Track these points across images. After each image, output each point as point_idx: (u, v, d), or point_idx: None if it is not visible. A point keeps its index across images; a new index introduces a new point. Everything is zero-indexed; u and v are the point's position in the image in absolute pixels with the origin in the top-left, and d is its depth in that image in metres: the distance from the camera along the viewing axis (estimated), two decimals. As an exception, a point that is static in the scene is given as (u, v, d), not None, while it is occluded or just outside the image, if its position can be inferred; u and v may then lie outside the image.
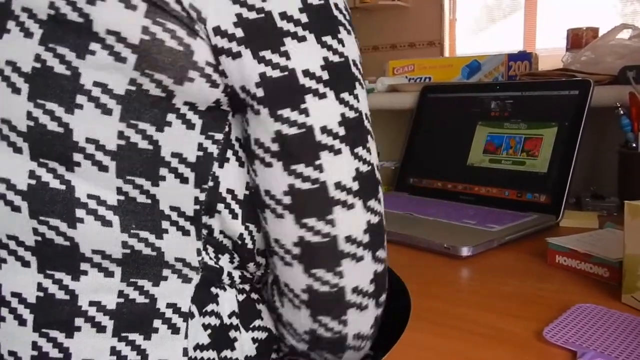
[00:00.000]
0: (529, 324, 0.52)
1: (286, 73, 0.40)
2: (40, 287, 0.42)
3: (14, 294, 0.42)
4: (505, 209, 0.93)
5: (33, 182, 0.41)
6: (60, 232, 0.41)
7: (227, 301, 0.47)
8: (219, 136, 0.44)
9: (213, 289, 0.46)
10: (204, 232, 0.45)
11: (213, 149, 0.43)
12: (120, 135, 0.40)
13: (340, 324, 0.44)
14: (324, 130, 0.41)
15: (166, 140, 0.41)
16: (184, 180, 0.43)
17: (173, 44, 0.39)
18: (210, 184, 0.44)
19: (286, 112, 0.40)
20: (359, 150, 0.42)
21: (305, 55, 0.40)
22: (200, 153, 0.43)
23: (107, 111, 0.40)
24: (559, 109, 0.95)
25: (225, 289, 0.47)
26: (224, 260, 0.47)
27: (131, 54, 0.39)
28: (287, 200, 0.42)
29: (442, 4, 3.88)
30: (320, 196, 0.41)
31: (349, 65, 0.42)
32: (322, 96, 0.41)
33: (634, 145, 0.94)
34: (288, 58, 0.40)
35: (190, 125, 0.42)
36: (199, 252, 0.45)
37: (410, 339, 0.51)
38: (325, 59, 0.41)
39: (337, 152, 0.41)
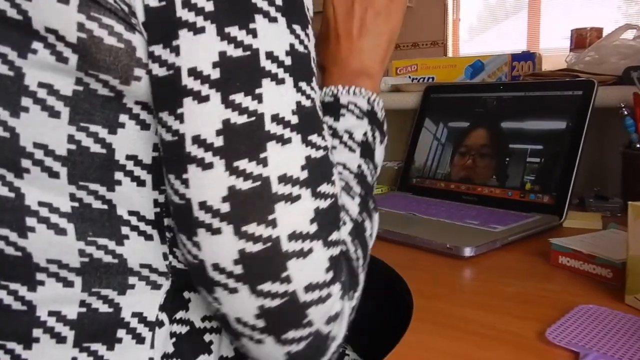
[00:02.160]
0: (531, 325, 0.52)
1: (171, 72, 0.36)
2: None
3: None
4: (508, 210, 0.93)
5: None
6: (10, 242, 0.39)
7: (199, 304, 0.45)
8: None
9: (186, 294, 0.44)
10: (168, 234, 0.43)
11: None
12: (71, 139, 0.38)
13: (215, 302, 0.39)
14: (196, 140, 0.35)
15: (120, 143, 0.39)
16: (140, 183, 0.41)
17: (112, 41, 0.36)
18: None
19: (165, 116, 0.36)
20: (242, 163, 0.36)
21: (197, 51, 0.35)
22: (156, 154, 0.40)
23: (54, 114, 0.38)
24: (562, 109, 0.95)
25: (199, 292, 0.44)
26: None
27: (72, 54, 0.37)
28: (171, 209, 0.38)
29: (445, 4, 3.88)
30: (185, 213, 0.37)
31: (256, 59, 0.36)
32: (204, 99, 0.35)
33: (638, 145, 0.93)
34: (177, 54, 0.35)
35: (144, 126, 0.40)
36: (165, 257, 0.43)
37: (412, 339, 0.51)
38: (222, 54, 0.35)
39: (207, 166, 0.35)
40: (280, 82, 0.37)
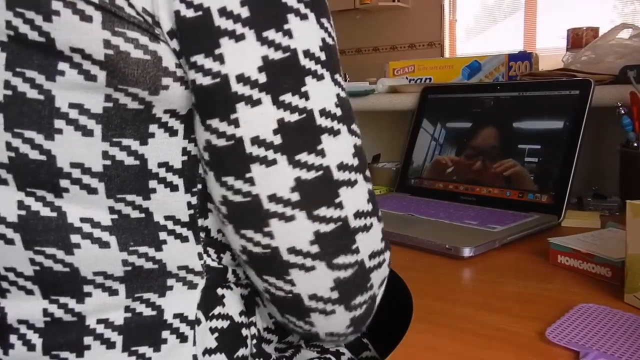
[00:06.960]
0: (531, 324, 0.52)
1: (218, 80, 0.37)
2: (46, 312, 0.41)
3: (20, 321, 0.42)
4: (506, 209, 0.93)
5: (23, 212, 0.39)
6: (58, 259, 0.40)
7: (235, 300, 0.47)
8: None
9: (219, 290, 0.46)
10: (202, 235, 0.45)
11: (196, 151, 0.42)
12: (105, 155, 0.39)
13: (287, 284, 0.41)
14: (255, 141, 0.38)
15: (151, 152, 0.40)
16: (173, 188, 0.42)
17: (139, 54, 0.37)
18: (199, 186, 0.43)
19: (215, 123, 0.38)
20: (302, 156, 0.38)
21: (241, 58, 0.37)
22: (185, 157, 0.42)
23: (87, 132, 0.38)
24: (559, 109, 0.95)
25: (231, 288, 0.47)
26: (226, 259, 0.46)
27: (100, 71, 0.37)
28: (223, 209, 0.41)
29: (442, 5, 3.89)
30: (254, 208, 0.39)
31: (296, 59, 0.38)
32: (256, 103, 0.37)
33: (635, 144, 0.94)
34: (222, 62, 0.36)
35: (172, 133, 0.41)
36: (200, 256, 0.44)
37: (412, 340, 0.51)
38: (265, 58, 0.37)
39: (271, 162, 0.38)
40: (320, 78, 0.39)
